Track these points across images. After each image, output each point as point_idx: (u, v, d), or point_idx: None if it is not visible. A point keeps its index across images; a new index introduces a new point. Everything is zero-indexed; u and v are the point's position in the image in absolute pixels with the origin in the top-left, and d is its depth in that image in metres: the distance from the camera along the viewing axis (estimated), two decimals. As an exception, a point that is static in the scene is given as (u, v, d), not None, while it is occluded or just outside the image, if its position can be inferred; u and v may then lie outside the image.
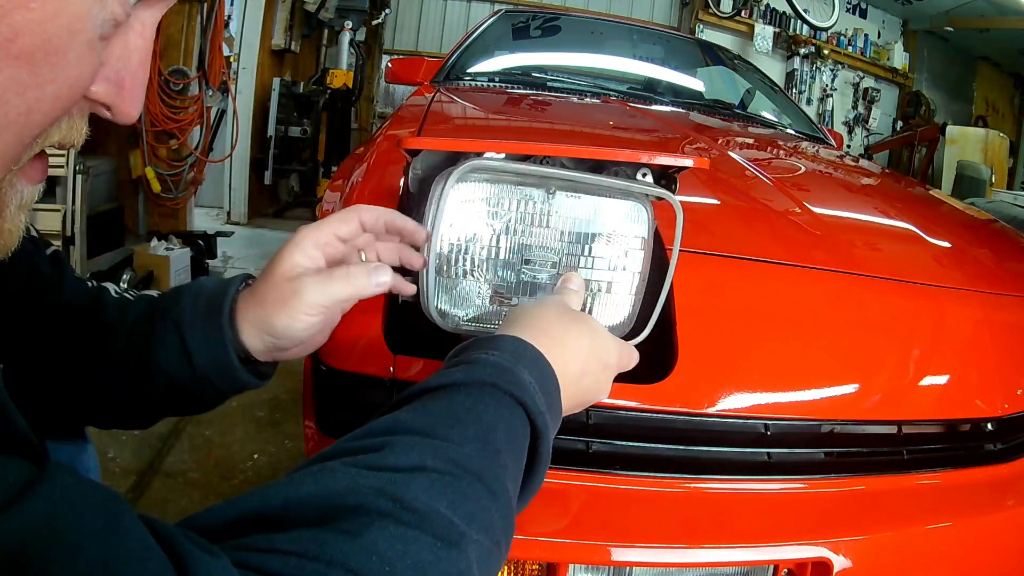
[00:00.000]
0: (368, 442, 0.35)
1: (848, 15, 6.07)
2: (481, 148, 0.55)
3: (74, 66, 0.28)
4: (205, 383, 0.49)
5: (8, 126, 0.27)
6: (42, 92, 0.27)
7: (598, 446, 0.58)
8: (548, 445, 0.41)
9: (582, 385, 0.46)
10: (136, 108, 0.33)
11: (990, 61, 6.87)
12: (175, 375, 0.49)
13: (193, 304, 0.49)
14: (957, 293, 0.74)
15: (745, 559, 0.55)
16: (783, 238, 0.78)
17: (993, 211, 1.71)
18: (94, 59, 0.29)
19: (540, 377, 0.42)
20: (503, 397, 0.39)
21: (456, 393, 0.38)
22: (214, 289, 0.50)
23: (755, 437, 0.61)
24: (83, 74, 0.29)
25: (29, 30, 0.25)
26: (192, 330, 0.48)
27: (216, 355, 0.48)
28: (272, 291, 0.47)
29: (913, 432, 0.67)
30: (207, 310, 0.48)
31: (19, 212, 0.33)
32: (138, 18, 0.31)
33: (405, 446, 0.34)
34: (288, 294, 0.46)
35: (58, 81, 0.28)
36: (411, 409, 0.38)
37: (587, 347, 0.47)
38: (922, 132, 5.70)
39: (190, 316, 0.48)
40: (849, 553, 0.56)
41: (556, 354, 0.44)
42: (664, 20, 5.86)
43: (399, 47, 5.83)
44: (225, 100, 3.25)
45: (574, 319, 0.47)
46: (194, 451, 1.54)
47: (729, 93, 1.97)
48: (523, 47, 1.95)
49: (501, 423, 0.38)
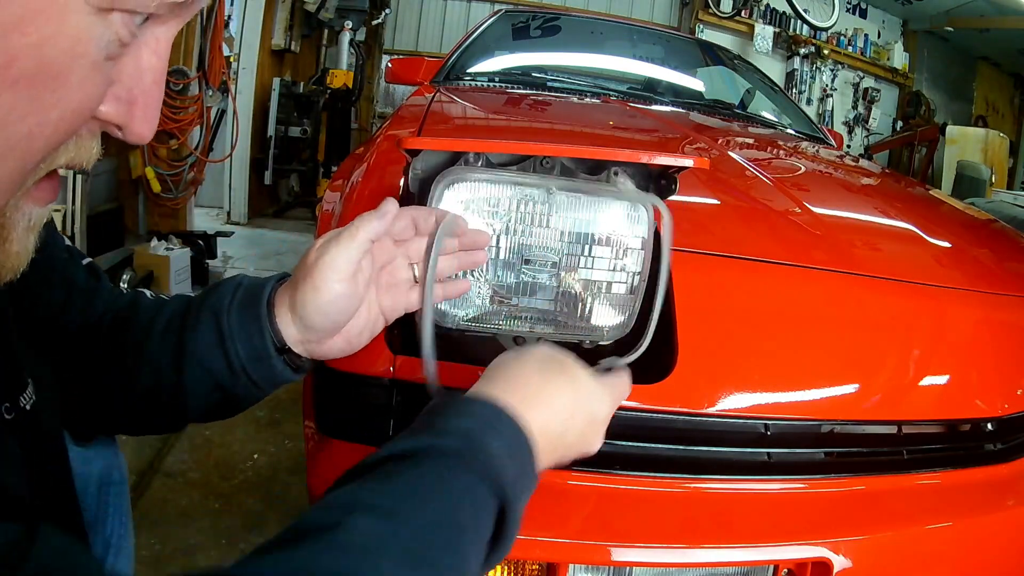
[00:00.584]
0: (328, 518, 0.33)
1: (848, 15, 6.07)
2: (481, 148, 0.55)
3: (78, 89, 0.27)
4: (240, 375, 0.49)
5: (9, 151, 0.26)
6: (45, 117, 0.27)
7: (598, 446, 0.58)
8: (516, 515, 0.40)
9: (565, 441, 0.44)
10: (150, 128, 0.32)
11: (990, 61, 6.87)
12: (210, 366, 0.48)
13: (232, 294, 0.49)
14: (957, 293, 0.74)
15: (745, 559, 0.55)
16: (783, 238, 0.78)
17: (993, 211, 1.71)
18: (100, 80, 0.28)
19: (511, 444, 0.40)
20: (468, 471, 0.37)
21: (419, 465, 0.37)
22: (253, 281, 0.50)
23: (755, 437, 0.61)
24: (88, 96, 0.28)
25: (26, 54, 0.24)
26: (229, 317, 0.48)
27: (253, 344, 0.48)
28: (302, 268, 0.47)
29: (913, 432, 0.67)
30: (245, 299, 0.48)
31: (27, 233, 0.32)
32: (151, 35, 0.30)
33: (364, 528, 0.32)
34: (314, 265, 0.46)
35: (61, 105, 0.27)
36: (373, 481, 0.36)
37: (570, 402, 0.44)
38: (922, 132, 5.70)
39: (227, 305, 0.48)
40: (849, 553, 0.56)
41: (533, 414, 0.42)
42: (664, 20, 5.86)
43: (399, 47, 5.83)
44: (225, 100, 3.25)
45: (558, 371, 0.45)
46: (194, 451, 1.54)
47: (729, 93, 1.97)
48: (523, 47, 1.95)
49: (466, 498, 0.37)
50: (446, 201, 0.53)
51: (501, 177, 0.53)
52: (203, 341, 0.48)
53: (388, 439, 0.40)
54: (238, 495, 1.39)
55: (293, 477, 1.47)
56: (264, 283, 0.49)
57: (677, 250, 0.65)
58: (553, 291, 0.55)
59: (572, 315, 0.56)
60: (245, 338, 0.48)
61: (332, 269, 0.46)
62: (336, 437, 0.62)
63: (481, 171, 0.53)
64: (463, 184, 0.53)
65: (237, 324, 0.48)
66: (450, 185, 0.53)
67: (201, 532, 1.27)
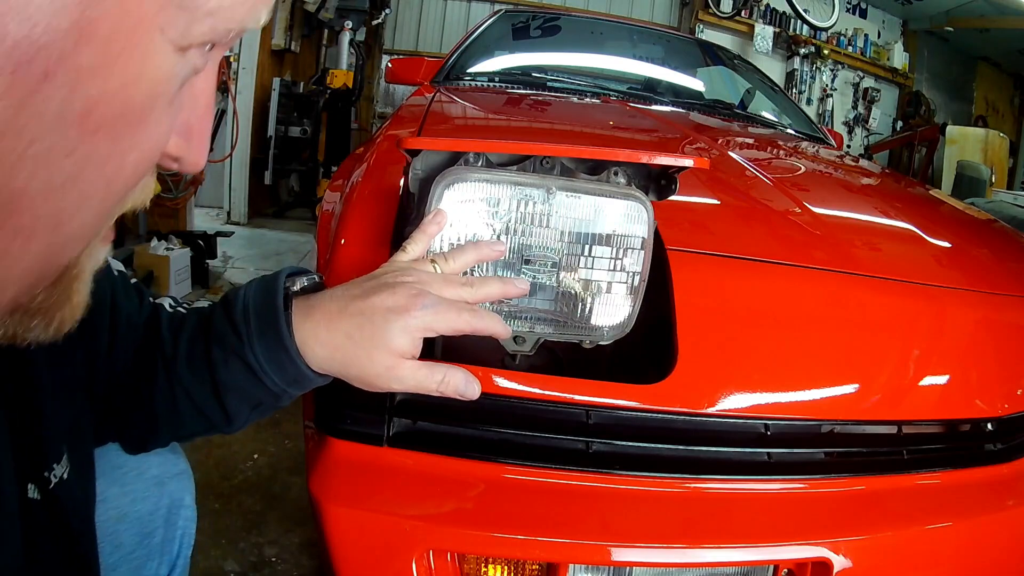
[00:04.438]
0: None
1: (848, 15, 6.07)
2: (481, 148, 0.55)
3: (155, 128, 0.25)
4: (283, 395, 0.49)
5: (86, 201, 0.24)
6: (123, 161, 0.25)
7: (598, 446, 0.58)
8: None
9: None
10: (204, 156, 0.30)
11: (990, 61, 6.87)
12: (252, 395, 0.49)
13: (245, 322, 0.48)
14: (957, 293, 0.74)
15: (745, 559, 0.55)
16: (783, 238, 0.78)
17: (993, 211, 1.71)
18: (172, 117, 0.27)
19: None
20: None
21: None
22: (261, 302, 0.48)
23: (755, 437, 0.61)
24: (163, 134, 0.27)
25: (107, 101, 0.22)
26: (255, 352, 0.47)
27: (287, 371, 0.47)
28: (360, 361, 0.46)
29: (913, 432, 0.67)
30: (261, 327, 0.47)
31: (90, 278, 0.31)
32: None
33: None
34: (381, 374, 0.46)
35: (139, 147, 0.25)
36: None
37: None
38: (922, 132, 5.70)
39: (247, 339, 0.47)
40: (849, 553, 0.56)
41: None
42: (664, 20, 5.85)
43: (399, 47, 5.83)
44: (225, 100, 3.25)
45: None
46: (194, 451, 1.54)
47: (729, 93, 1.97)
48: (523, 47, 1.95)
49: None
50: (446, 201, 0.53)
51: (501, 177, 0.53)
52: (236, 376, 0.48)
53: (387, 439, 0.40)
54: (238, 495, 1.39)
55: (293, 477, 1.47)
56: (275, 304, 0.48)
57: (678, 250, 0.65)
58: (553, 291, 0.55)
59: (572, 315, 0.56)
60: (276, 368, 0.47)
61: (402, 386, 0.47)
62: (336, 437, 0.62)
63: (481, 171, 0.53)
64: (463, 184, 0.53)
65: (265, 358, 0.47)
66: (450, 185, 0.53)
67: (201, 532, 1.26)
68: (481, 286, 0.49)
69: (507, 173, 0.54)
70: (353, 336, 0.45)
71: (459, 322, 0.46)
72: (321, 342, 0.46)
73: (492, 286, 0.50)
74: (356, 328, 0.45)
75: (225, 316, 0.49)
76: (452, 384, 0.47)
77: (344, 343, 0.46)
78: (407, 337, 0.45)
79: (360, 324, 0.45)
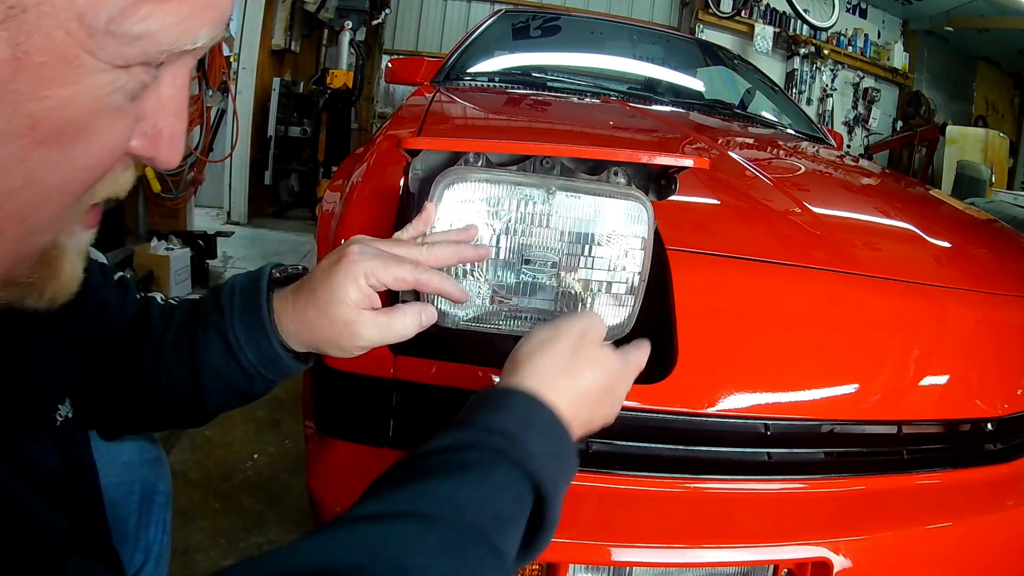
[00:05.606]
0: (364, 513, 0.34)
1: (848, 15, 6.07)
2: (481, 148, 0.55)
3: (106, 134, 0.28)
4: (255, 377, 0.51)
5: (47, 199, 0.28)
6: (76, 164, 0.28)
7: (598, 446, 0.58)
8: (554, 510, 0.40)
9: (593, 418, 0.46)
10: (176, 155, 0.33)
11: (990, 61, 6.87)
12: (226, 375, 0.51)
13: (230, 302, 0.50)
14: (957, 293, 0.74)
15: (745, 559, 0.55)
16: (783, 238, 0.78)
17: (993, 211, 1.71)
18: (126, 122, 0.30)
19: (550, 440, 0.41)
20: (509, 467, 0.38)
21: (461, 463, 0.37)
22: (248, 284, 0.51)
23: (755, 437, 0.61)
24: (116, 139, 0.29)
25: (47, 117, 0.26)
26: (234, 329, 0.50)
27: (262, 350, 0.49)
28: (322, 323, 0.48)
29: (913, 432, 0.67)
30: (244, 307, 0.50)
31: (77, 257, 0.34)
32: (167, 71, 0.31)
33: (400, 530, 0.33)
34: (343, 333, 0.47)
35: (92, 151, 0.28)
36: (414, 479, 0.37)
37: (600, 383, 0.45)
38: (922, 132, 5.70)
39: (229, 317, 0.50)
40: (849, 553, 0.56)
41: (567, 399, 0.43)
42: (664, 20, 5.85)
43: (399, 47, 5.83)
44: (225, 100, 3.24)
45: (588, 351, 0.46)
46: (194, 451, 1.54)
47: (729, 93, 1.97)
48: (523, 47, 1.95)
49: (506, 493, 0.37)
50: (446, 201, 0.53)
51: (501, 177, 0.53)
52: (215, 355, 0.50)
53: (387, 439, 0.40)
54: (238, 495, 1.39)
55: (293, 477, 1.47)
56: (259, 286, 0.50)
57: (678, 250, 0.65)
58: (553, 291, 0.55)
59: (572, 315, 0.56)
60: (253, 346, 0.49)
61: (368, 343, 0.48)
62: (336, 437, 0.62)
63: (481, 171, 0.53)
64: (463, 184, 0.53)
65: (243, 335, 0.49)
66: (450, 185, 0.53)
67: (201, 532, 1.27)
68: (433, 249, 0.51)
69: (507, 173, 0.54)
70: (312, 301, 0.48)
71: (403, 272, 0.47)
72: (291, 316, 0.49)
73: (446, 249, 0.51)
74: (311, 292, 0.48)
75: (212, 300, 0.52)
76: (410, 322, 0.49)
77: (307, 311, 0.48)
78: (354, 285, 0.46)
79: (314, 287, 0.48)
